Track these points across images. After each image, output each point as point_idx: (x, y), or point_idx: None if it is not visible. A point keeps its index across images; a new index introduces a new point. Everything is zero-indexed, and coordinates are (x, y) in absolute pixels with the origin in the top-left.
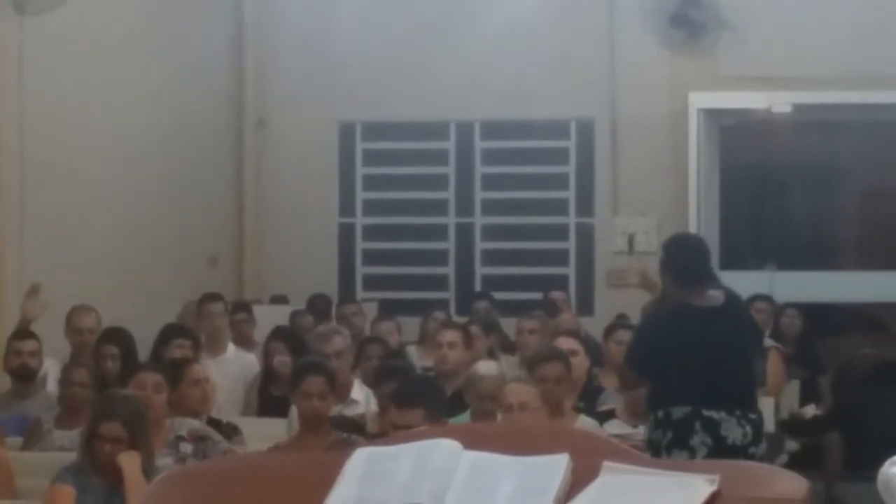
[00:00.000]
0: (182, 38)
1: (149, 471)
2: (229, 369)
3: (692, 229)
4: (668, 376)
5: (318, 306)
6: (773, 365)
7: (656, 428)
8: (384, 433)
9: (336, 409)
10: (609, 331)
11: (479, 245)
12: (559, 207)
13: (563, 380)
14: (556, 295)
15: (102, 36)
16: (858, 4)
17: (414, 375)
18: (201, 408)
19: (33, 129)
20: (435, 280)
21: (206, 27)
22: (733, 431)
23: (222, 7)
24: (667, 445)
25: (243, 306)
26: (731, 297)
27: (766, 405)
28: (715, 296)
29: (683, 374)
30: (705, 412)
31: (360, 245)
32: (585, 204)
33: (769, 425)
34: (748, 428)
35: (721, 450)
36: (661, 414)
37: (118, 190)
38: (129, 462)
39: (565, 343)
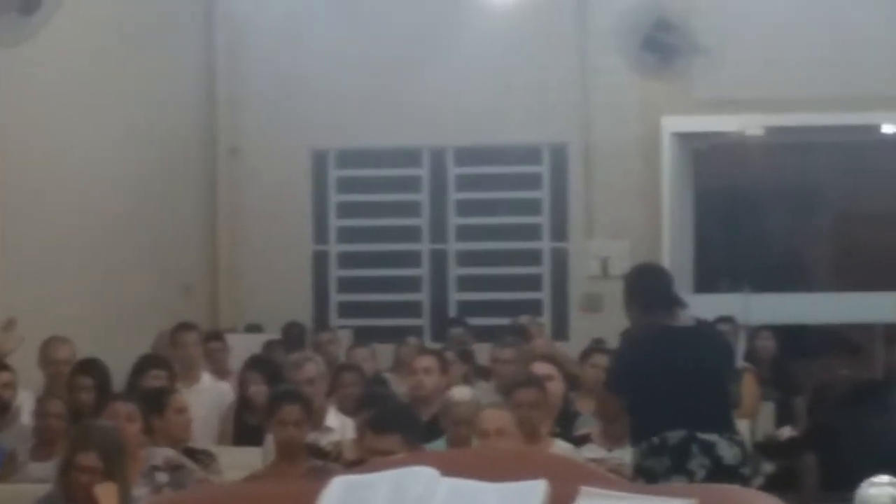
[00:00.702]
0: (154, 68)
1: (125, 501)
2: (204, 398)
3: (665, 252)
4: (657, 399)
5: (292, 334)
6: (748, 387)
7: (650, 455)
8: (361, 461)
9: (311, 437)
10: (585, 355)
11: (454, 271)
12: (533, 232)
13: (539, 405)
14: (525, 319)
15: (74, 66)
16: (830, 27)
17: (391, 402)
18: (184, 436)
19: (4, 160)
20: (409, 306)
21: (178, 56)
22: (727, 451)
23: (194, 36)
24: (665, 472)
25: (216, 335)
26: (700, 320)
27: (741, 427)
28: (685, 318)
29: (674, 397)
30: (700, 435)
31: (335, 272)
32: (559, 228)
33: None
34: (737, 449)
35: (718, 471)
36: (655, 441)
37: (91, 219)
38: (106, 494)
39: (541, 368)
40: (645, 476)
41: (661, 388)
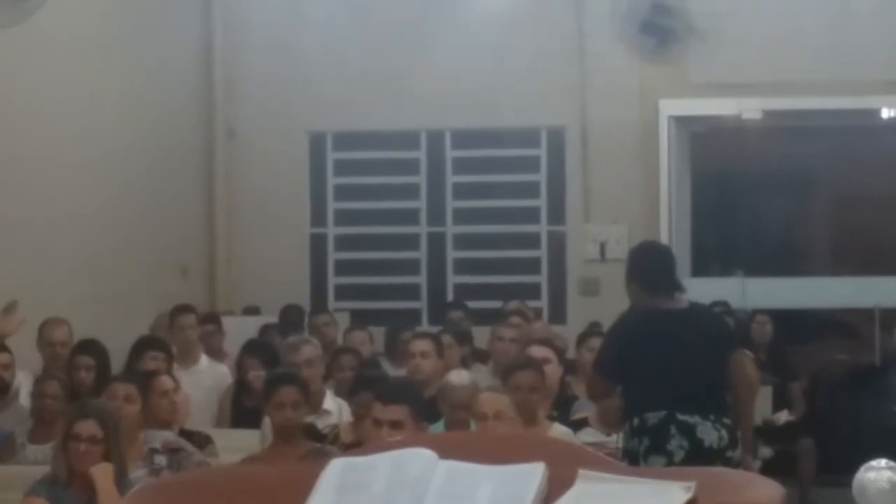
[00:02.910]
0: (151, 50)
1: (122, 482)
2: (202, 381)
3: (664, 236)
4: (641, 381)
5: (290, 317)
6: (748, 366)
7: (632, 437)
8: (358, 443)
9: (309, 420)
10: (582, 339)
11: (451, 254)
12: (531, 216)
13: (537, 388)
14: (515, 304)
15: (70, 48)
16: (828, 10)
17: (396, 377)
18: (170, 419)
19: (2, 142)
20: (407, 289)
21: (175, 39)
22: (709, 434)
23: (191, 18)
24: (644, 452)
25: (211, 318)
26: (697, 303)
27: None
28: (681, 300)
29: (656, 379)
30: (680, 416)
31: (332, 255)
32: (557, 212)
33: None
34: (723, 432)
35: (698, 453)
36: (636, 421)
37: (88, 202)
38: (102, 474)
39: (538, 352)
40: (627, 457)
41: (646, 370)
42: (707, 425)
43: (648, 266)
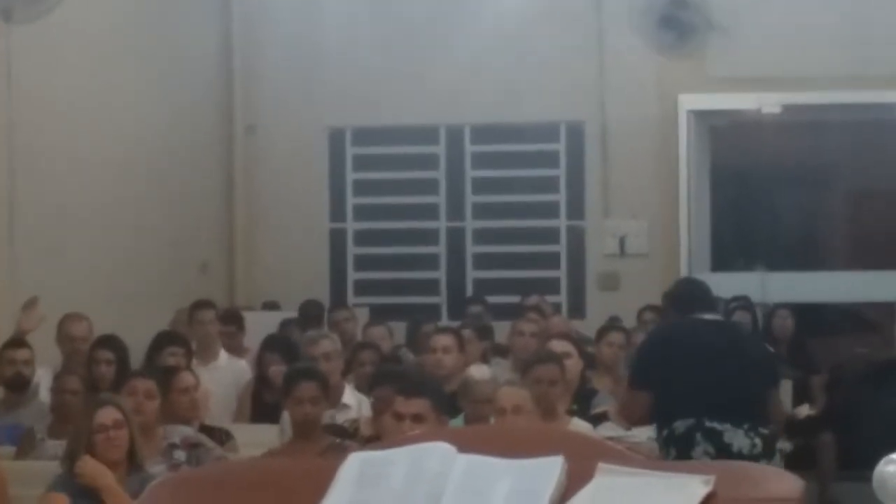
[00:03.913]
0: (171, 45)
1: (137, 475)
2: (221, 376)
3: (683, 231)
4: (671, 390)
5: (309, 312)
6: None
7: (662, 446)
8: (377, 438)
9: (328, 415)
10: (601, 333)
11: (471, 249)
12: (550, 210)
13: (557, 382)
14: (532, 300)
15: (91, 43)
16: (847, 5)
17: (417, 371)
18: (190, 415)
19: (22, 138)
20: (427, 284)
21: (194, 34)
22: (739, 440)
23: (211, 14)
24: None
25: (232, 317)
26: (737, 323)
27: None
28: (715, 315)
29: (686, 386)
30: (708, 423)
31: (352, 250)
32: (576, 207)
33: None
34: (757, 440)
35: (727, 458)
36: (665, 432)
37: (108, 197)
38: (89, 468)
39: (559, 346)
40: None
41: (677, 377)
42: (738, 433)
43: (684, 288)
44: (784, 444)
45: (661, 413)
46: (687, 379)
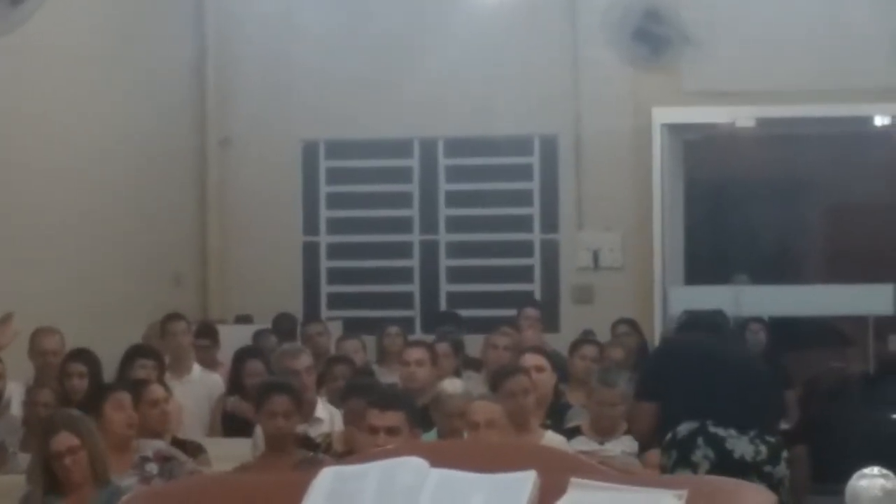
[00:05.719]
0: (144, 58)
1: (105, 487)
2: (194, 390)
3: (657, 244)
4: (677, 395)
5: (283, 326)
6: None
7: (664, 451)
8: (350, 452)
9: (301, 429)
10: (574, 346)
11: (444, 262)
12: (524, 224)
13: (529, 391)
14: (529, 311)
15: (64, 56)
16: (821, 18)
17: (390, 385)
18: (160, 428)
19: None
20: (400, 298)
21: (168, 46)
22: (742, 447)
23: (185, 26)
24: (671, 466)
25: (207, 330)
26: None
27: None
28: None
29: (691, 392)
30: (711, 429)
31: (325, 263)
32: (550, 220)
33: None
34: (762, 447)
35: (727, 465)
36: (668, 436)
37: (80, 210)
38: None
39: (531, 359)
40: (661, 472)
41: (682, 382)
42: (742, 439)
43: (691, 314)
44: None
45: (667, 419)
46: (693, 386)
